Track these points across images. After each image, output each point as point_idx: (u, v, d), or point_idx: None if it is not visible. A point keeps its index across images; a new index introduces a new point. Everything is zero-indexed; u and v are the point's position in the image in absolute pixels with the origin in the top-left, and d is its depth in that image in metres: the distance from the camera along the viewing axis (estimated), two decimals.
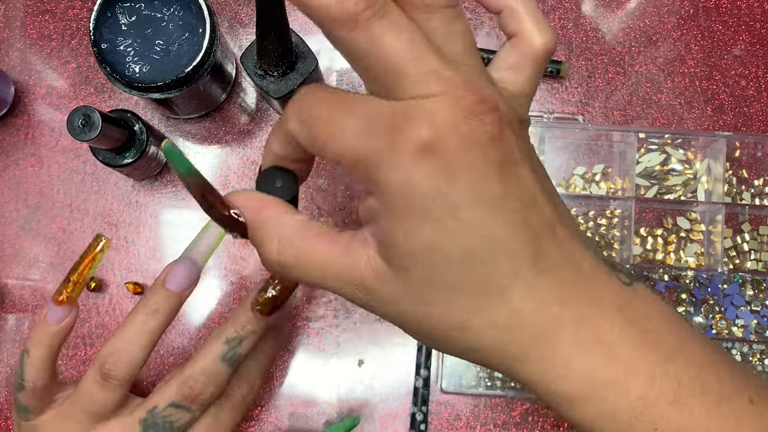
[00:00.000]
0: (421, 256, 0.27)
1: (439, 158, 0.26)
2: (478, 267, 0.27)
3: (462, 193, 0.26)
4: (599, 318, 0.28)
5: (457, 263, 0.27)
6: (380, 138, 0.26)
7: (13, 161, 0.61)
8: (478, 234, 0.27)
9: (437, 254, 0.27)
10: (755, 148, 0.61)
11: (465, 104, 0.26)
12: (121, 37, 0.51)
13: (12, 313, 0.59)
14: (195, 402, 0.45)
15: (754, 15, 0.62)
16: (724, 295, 0.60)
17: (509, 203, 0.27)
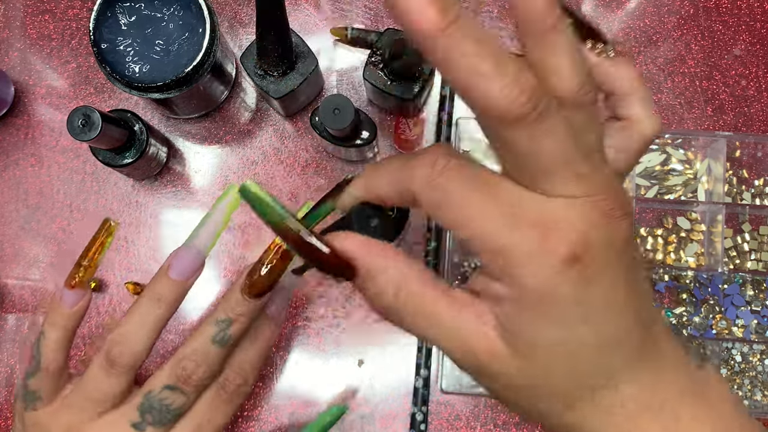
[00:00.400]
0: (545, 350, 0.28)
1: (582, 266, 0.27)
2: (592, 364, 0.29)
3: (596, 299, 0.28)
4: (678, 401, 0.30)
5: (575, 361, 0.29)
6: (526, 236, 0.27)
7: (13, 161, 0.61)
8: (601, 337, 0.28)
9: (560, 351, 0.28)
10: (755, 148, 0.61)
11: (605, 209, 0.27)
12: (121, 37, 0.51)
13: (12, 313, 0.59)
14: (188, 383, 0.45)
15: (754, 15, 0.62)
16: (725, 295, 0.60)
17: (630, 306, 0.29)
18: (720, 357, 0.58)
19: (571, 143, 0.27)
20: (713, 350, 0.59)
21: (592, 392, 0.29)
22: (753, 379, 0.59)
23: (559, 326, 0.28)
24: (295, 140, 0.61)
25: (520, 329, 0.28)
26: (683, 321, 0.59)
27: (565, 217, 0.27)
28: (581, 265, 0.27)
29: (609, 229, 0.27)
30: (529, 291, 0.27)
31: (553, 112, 0.26)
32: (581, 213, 0.27)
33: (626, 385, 0.29)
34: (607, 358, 0.29)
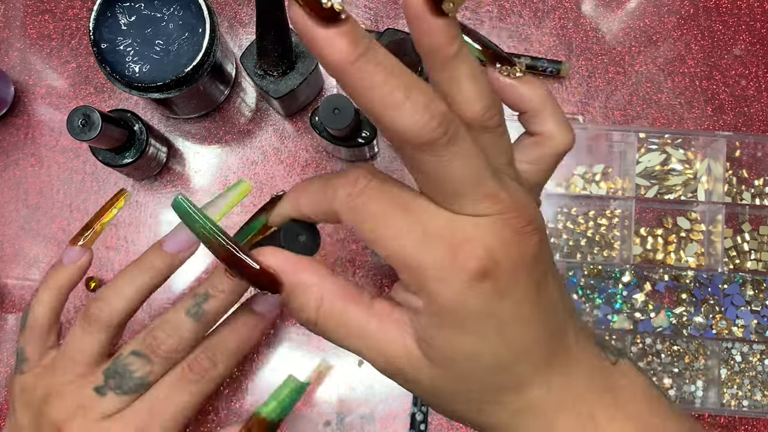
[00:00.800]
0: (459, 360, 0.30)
1: (493, 281, 0.28)
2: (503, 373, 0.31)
3: (507, 312, 0.29)
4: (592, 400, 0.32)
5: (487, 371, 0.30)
6: (439, 253, 0.28)
7: (13, 161, 0.61)
8: (512, 348, 0.30)
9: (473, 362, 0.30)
10: (755, 148, 0.61)
11: (515, 226, 0.29)
12: (120, 37, 0.51)
13: (12, 313, 0.59)
14: (155, 353, 0.44)
15: (754, 15, 0.62)
16: (725, 295, 0.60)
17: (540, 318, 0.30)
18: (720, 357, 0.58)
19: (480, 164, 0.28)
20: (713, 350, 0.59)
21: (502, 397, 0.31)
22: (753, 379, 0.59)
23: (472, 338, 0.29)
24: (295, 140, 0.61)
25: (434, 341, 0.30)
26: (683, 321, 0.59)
27: (474, 234, 0.28)
28: (492, 280, 0.28)
29: (519, 245, 0.29)
30: (442, 305, 0.29)
31: (462, 136, 0.28)
32: (492, 230, 0.28)
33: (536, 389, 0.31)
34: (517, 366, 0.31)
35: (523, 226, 0.29)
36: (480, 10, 0.62)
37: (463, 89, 0.29)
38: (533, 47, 0.62)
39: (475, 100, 0.29)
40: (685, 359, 0.59)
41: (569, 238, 0.60)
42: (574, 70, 0.62)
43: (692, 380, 0.59)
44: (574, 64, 0.62)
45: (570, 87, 0.62)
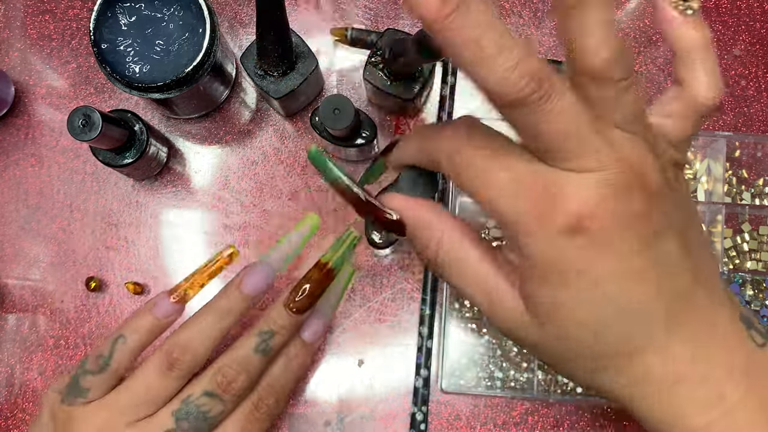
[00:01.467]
0: (558, 317, 0.30)
1: (588, 235, 0.28)
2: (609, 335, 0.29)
3: (606, 268, 0.28)
4: (724, 378, 0.30)
5: (590, 329, 0.29)
6: (530, 205, 0.28)
7: (13, 161, 0.61)
8: (613, 305, 0.29)
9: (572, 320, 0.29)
10: (755, 148, 0.61)
11: (617, 182, 0.28)
12: (121, 37, 0.51)
13: (12, 313, 0.59)
14: (227, 391, 0.45)
15: (753, 15, 0.62)
16: None
17: (648, 275, 0.29)
18: None
19: (581, 121, 0.28)
20: None
21: (612, 360, 0.30)
22: None
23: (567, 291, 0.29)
24: (295, 140, 0.61)
25: (536, 297, 0.30)
26: None
27: (571, 188, 0.28)
28: (586, 234, 0.28)
29: (620, 201, 0.28)
30: (538, 262, 0.29)
31: (559, 93, 0.27)
32: (589, 185, 0.28)
33: (652, 356, 0.29)
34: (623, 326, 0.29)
35: (625, 184, 0.28)
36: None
37: (586, 40, 0.27)
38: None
39: (596, 52, 0.28)
40: None
41: None
42: None
43: None
44: None
45: None
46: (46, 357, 0.59)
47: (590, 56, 0.28)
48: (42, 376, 0.59)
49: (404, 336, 0.58)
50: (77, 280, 0.59)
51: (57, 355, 0.59)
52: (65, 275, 0.60)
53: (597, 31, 0.27)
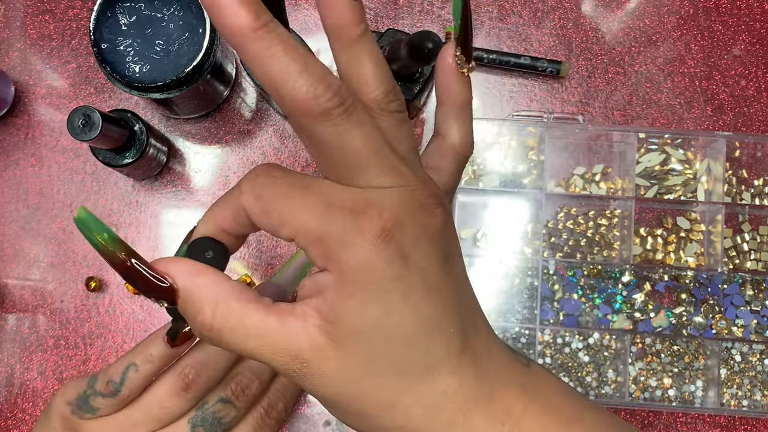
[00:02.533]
0: (365, 334, 0.29)
1: (398, 242, 0.28)
2: (413, 349, 0.29)
3: (414, 278, 0.29)
4: (508, 395, 0.31)
5: (396, 344, 0.29)
6: (343, 218, 0.28)
7: (13, 161, 0.61)
8: (421, 318, 0.29)
9: (381, 334, 0.29)
10: (755, 148, 0.61)
11: (419, 197, 0.29)
12: (121, 37, 0.51)
13: (12, 313, 0.59)
14: (240, 398, 0.46)
15: (753, 15, 0.62)
16: (724, 295, 0.60)
17: (448, 293, 0.30)
18: (720, 357, 0.58)
19: (381, 139, 0.29)
20: (713, 350, 0.59)
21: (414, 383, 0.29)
22: (753, 378, 0.59)
23: (378, 305, 0.28)
24: (295, 140, 0.61)
25: (341, 315, 0.29)
26: (683, 321, 0.59)
27: (378, 200, 0.28)
28: (396, 241, 0.28)
29: (422, 214, 0.29)
30: (348, 271, 0.28)
31: (360, 110, 0.28)
32: (395, 198, 0.28)
33: (449, 377, 0.30)
34: (426, 341, 0.29)
35: (427, 198, 0.29)
36: (480, 10, 0.62)
37: (365, 71, 0.29)
38: (533, 47, 0.62)
39: (376, 83, 0.29)
40: (684, 359, 0.59)
41: (569, 238, 0.60)
42: (574, 70, 0.62)
43: (692, 380, 0.59)
44: (573, 64, 0.62)
45: (570, 87, 0.62)
46: (46, 357, 0.59)
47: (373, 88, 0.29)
48: (42, 376, 0.59)
49: None
50: (77, 280, 0.59)
51: (57, 355, 0.59)
52: (65, 275, 0.60)
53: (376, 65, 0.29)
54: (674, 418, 0.59)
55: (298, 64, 0.27)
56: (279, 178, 0.30)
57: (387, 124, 0.30)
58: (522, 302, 0.59)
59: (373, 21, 0.62)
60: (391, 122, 0.30)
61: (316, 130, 0.28)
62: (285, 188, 0.29)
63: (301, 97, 0.27)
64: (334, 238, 0.28)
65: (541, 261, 0.59)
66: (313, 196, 0.29)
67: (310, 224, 0.28)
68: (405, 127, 0.31)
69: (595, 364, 0.59)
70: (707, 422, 0.59)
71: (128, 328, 0.59)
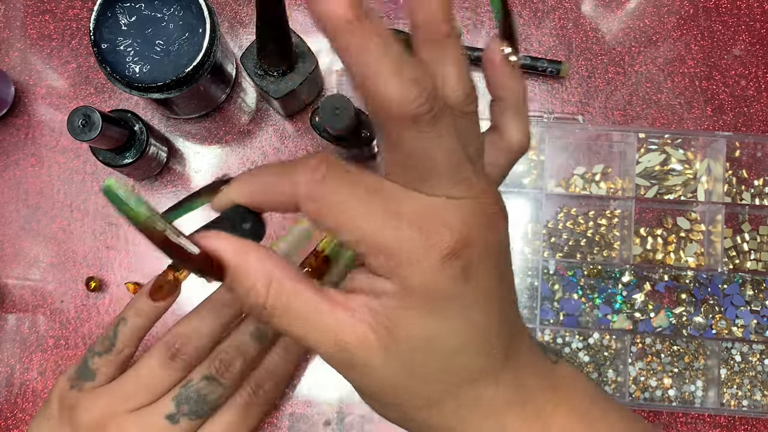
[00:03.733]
0: (419, 346, 0.29)
1: (463, 262, 0.28)
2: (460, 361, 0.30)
3: (471, 295, 0.28)
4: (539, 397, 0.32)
5: (444, 356, 0.29)
6: (410, 233, 0.27)
7: (13, 161, 0.61)
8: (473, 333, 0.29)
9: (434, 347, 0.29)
10: (755, 148, 0.61)
11: (486, 209, 0.28)
12: (121, 37, 0.51)
13: (12, 313, 0.59)
14: (225, 375, 0.46)
15: (754, 15, 0.62)
16: (724, 295, 0.60)
17: (502, 306, 0.30)
18: (720, 357, 0.58)
19: (459, 147, 0.28)
20: (713, 350, 0.59)
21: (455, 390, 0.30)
22: (753, 378, 0.59)
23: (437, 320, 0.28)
24: (295, 140, 0.61)
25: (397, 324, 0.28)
26: (683, 321, 0.59)
27: (448, 215, 0.28)
28: (462, 261, 0.28)
29: (490, 229, 0.29)
30: (413, 287, 0.28)
31: (446, 117, 0.27)
32: (463, 212, 0.28)
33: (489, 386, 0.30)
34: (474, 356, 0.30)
35: (495, 211, 0.29)
36: (480, 10, 0.62)
37: (450, 72, 0.28)
38: (533, 47, 0.62)
39: (459, 85, 0.29)
40: (684, 359, 0.59)
41: (569, 238, 0.60)
42: (574, 70, 0.62)
43: (692, 380, 0.59)
44: (574, 64, 0.62)
45: (570, 87, 0.62)
46: (45, 357, 0.59)
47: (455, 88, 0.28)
48: (42, 376, 0.59)
49: None
50: (77, 280, 0.59)
51: (57, 356, 0.59)
52: (65, 275, 0.60)
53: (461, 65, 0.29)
54: (674, 418, 0.59)
55: (392, 62, 0.25)
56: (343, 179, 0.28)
57: (463, 125, 0.29)
58: (522, 302, 0.59)
59: None
60: (467, 124, 0.29)
61: (401, 134, 0.27)
62: (350, 188, 0.28)
63: (391, 100, 0.26)
64: (399, 253, 0.27)
65: (541, 261, 0.59)
66: (378, 203, 0.28)
67: (375, 234, 0.27)
68: (477, 128, 0.30)
69: (595, 364, 0.59)
70: (707, 422, 0.59)
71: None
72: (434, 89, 0.26)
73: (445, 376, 0.30)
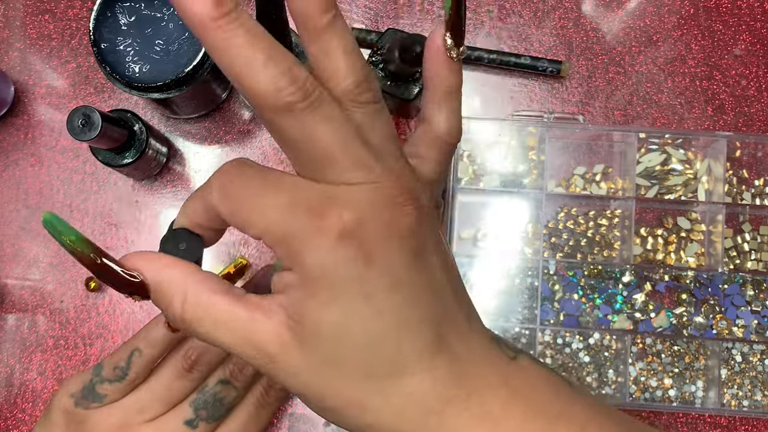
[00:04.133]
0: (329, 335, 0.28)
1: (359, 244, 0.27)
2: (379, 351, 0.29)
3: (377, 280, 0.28)
4: (487, 393, 0.30)
5: (361, 346, 0.28)
6: (304, 219, 0.27)
7: (12, 161, 0.60)
8: (384, 319, 0.28)
9: (344, 336, 0.28)
10: (756, 148, 0.61)
11: (388, 193, 0.28)
12: (120, 37, 0.51)
13: (12, 313, 0.59)
14: (238, 378, 0.47)
15: (754, 15, 0.62)
16: (725, 295, 0.60)
17: (417, 291, 0.29)
18: (720, 357, 0.58)
19: (349, 133, 0.28)
20: (713, 350, 0.59)
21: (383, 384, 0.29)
22: (753, 379, 0.59)
23: (340, 305, 0.28)
24: None
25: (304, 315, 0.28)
26: (683, 321, 0.59)
27: (342, 199, 0.27)
28: (356, 242, 0.27)
29: (391, 212, 0.28)
30: (310, 272, 0.28)
31: (327, 103, 0.27)
32: (360, 196, 0.28)
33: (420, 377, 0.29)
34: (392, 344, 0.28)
35: (396, 196, 0.28)
36: (480, 10, 0.62)
37: (334, 62, 0.28)
38: (533, 47, 0.62)
39: (346, 74, 0.28)
40: (685, 359, 0.59)
41: (569, 238, 0.60)
42: (574, 70, 0.62)
43: (692, 380, 0.59)
44: (574, 64, 0.62)
45: (570, 87, 0.62)
46: (45, 357, 0.59)
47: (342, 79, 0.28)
48: (41, 376, 0.58)
49: None
50: (77, 280, 0.59)
51: (56, 356, 0.59)
52: (65, 275, 0.60)
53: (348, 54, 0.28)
54: (675, 418, 0.59)
55: (261, 55, 0.26)
56: (249, 177, 0.29)
57: (360, 115, 0.29)
58: (522, 302, 0.59)
59: (373, 21, 0.62)
60: (365, 113, 0.29)
61: (281, 124, 0.27)
62: (254, 187, 0.29)
63: (262, 91, 0.26)
64: (296, 238, 0.28)
65: (541, 261, 0.59)
66: (281, 195, 0.28)
67: (275, 224, 0.28)
68: (380, 117, 0.29)
69: (595, 365, 0.59)
70: (708, 423, 0.59)
71: (128, 328, 0.59)
72: (308, 77, 0.26)
73: (367, 370, 0.29)
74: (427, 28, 0.62)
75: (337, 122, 0.27)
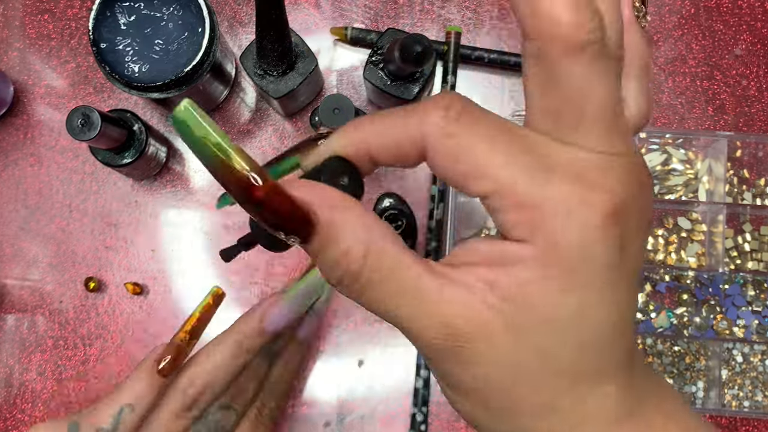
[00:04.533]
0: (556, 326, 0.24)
1: (623, 230, 0.23)
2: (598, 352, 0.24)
3: (625, 274, 0.24)
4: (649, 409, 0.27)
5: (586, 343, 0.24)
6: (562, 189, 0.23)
7: (12, 161, 0.60)
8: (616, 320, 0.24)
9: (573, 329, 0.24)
10: (756, 148, 0.61)
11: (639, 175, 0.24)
12: (120, 37, 0.51)
13: (11, 313, 0.59)
14: (238, 400, 0.46)
15: (755, 14, 0.62)
16: (726, 295, 0.59)
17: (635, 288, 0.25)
18: (721, 357, 0.58)
19: (617, 92, 0.24)
20: (714, 350, 0.59)
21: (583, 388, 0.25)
22: (754, 379, 0.59)
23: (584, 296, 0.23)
24: (295, 140, 0.61)
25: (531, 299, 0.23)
26: (684, 321, 0.59)
27: (603, 172, 0.23)
28: (621, 226, 0.23)
29: (642, 196, 0.24)
30: (560, 251, 0.23)
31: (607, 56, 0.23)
32: (620, 171, 0.23)
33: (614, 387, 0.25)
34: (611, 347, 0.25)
35: (646, 177, 0.24)
36: (480, 10, 0.62)
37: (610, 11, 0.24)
38: None
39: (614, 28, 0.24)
40: (686, 360, 0.59)
41: None
42: None
43: (693, 381, 0.59)
44: None
45: None
46: (45, 357, 0.59)
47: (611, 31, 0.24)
48: (41, 376, 0.58)
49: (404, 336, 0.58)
50: (76, 281, 0.59)
51: (56, 356, 0.59)
52: (64, 275, 0.59)
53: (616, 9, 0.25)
54: None
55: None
56: (480, 116, 0.24)
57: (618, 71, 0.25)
58: None
59: (373, 21, 0.61)
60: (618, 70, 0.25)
61: (560, 63, 0.23)
62: (489, 131, 0.23)
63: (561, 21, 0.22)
64: (550, 206, 0.23)
65: None
66: (525, 151, 0.23)
67: (518, 185, 0.23)
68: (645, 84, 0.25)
69: None
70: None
71: (127, 328, 0.59)
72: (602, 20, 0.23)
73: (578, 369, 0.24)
74: (427, 28, 0.61)
75: (614, 79, 0.23)
